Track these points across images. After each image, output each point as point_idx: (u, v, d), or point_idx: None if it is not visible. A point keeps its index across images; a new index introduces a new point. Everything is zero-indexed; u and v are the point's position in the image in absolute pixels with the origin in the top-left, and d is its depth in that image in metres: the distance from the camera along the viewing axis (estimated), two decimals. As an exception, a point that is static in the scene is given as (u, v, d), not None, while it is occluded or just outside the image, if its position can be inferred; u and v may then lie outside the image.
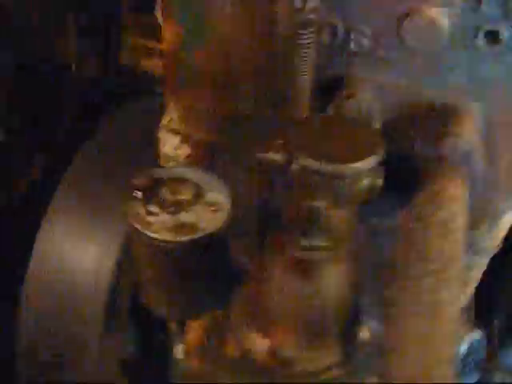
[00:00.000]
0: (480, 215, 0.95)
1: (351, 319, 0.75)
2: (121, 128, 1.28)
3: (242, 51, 0.88)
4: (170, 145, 1.01)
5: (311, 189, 0.71)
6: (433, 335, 0.71)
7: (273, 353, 0.73)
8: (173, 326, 0.94)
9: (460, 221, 0.79)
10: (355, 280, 0.74)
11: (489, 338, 1.22)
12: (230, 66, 0.90)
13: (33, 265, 1.14)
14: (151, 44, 1.79)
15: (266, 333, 0.73)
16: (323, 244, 0.68)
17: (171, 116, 0.99)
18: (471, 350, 1.18)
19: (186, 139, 1.00)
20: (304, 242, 0.68)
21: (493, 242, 0.98)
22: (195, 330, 0.93)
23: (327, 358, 0.75)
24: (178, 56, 0.92)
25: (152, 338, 1.23)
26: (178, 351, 0.94)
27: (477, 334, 1.18)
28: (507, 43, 0.80)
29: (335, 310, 0.72)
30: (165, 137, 1.01)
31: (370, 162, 0.69)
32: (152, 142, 1.02)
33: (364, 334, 0.75)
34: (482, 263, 1.01)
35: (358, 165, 0.69)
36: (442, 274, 0.74)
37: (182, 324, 0.94)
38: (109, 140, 1.25)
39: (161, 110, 1.00)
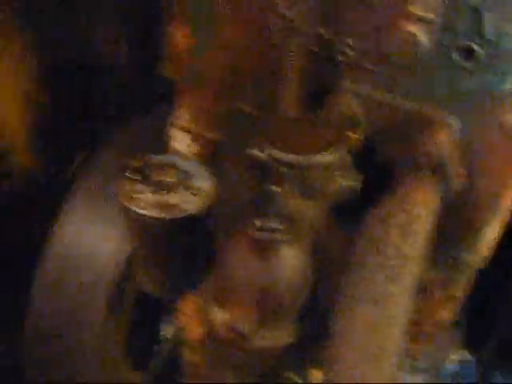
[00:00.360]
0: (461, 230, 0.99)
1: (306, 304, 0.81)
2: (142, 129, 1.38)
3: (243, 56, 0.96)
4: (181, 142, 1.10)
5: (277, 177, 0.77)
6: (380, 324, 0.75)
7: (231, 327, 0.79)
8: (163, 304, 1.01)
9: (423, 225, 0.83)
10: (312, 267, 0.80)
11: (481, 362, 1.24)
12: (234, 68, 0.99)
13: (54, 243, 1.25)
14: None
15: (226, 308, 0.80)
16: (277, 226, 0.75)
17: (182, 115, 1.08)
18: (462, 370, 1.20)
19: (196, 138, 1.09)
20: (259, 223, 0.75)
21: (475, 257, 1.02)
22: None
23: (282, 337, 0.81)
24: (189, 60, 1.02)
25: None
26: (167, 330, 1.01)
27: (468, 355, 1.20)
28: (481, 59, 0.85)
29: (289, 291, 0.78)
30: (176, 134, 1.10)
31: (325, 157, 0.76)
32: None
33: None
34: (464, 277, 1.05)
35: (316, 157, 0.76)
36: (396, 269, 0.78)
37: (169, 304, 1.02)
38: (129, 138, 1.35)
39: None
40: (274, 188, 0.75)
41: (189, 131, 1.09)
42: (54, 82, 1.46)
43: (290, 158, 0.76)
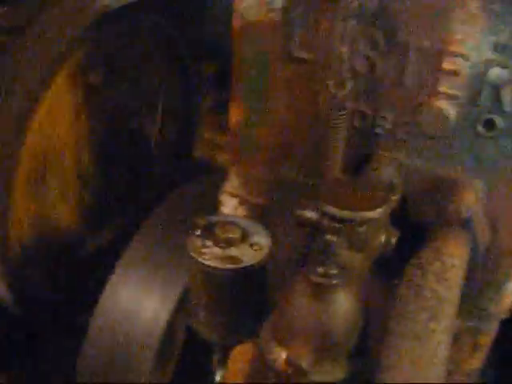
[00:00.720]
0: (485, 282, 1.10)
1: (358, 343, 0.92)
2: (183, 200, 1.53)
3: (293, 130, 1.11)
4: (230, 206, 1.23)
5: (330, 231, 0.90)
6: (424, 357, 0.86)
7: (289, 362, 0.90)
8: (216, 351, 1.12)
9: (456, 274, 0.95)
10: (361, 310, 0.91)
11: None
12: (284, 141, 1.13)
13: (103, 303, 1.37)
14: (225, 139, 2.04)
15: (285, 345, 0.91)
16: (334, 272, 0.87)
17: (232, 182, 1.21)
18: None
19: (243, 202, 1.22)
20: (320, 270, 0.87)
21: (499, 307, 1.13)
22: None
23: (337, 372, 0.91)
24: (242, 132, 1.16)
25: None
26: (219, 376, 1.11)
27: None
28: (502, 130, 0.99)
29: (343, 330, 0.89)
30: (225, 199, 1.23)
31: (374, 213, 0.89)
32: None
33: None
34: (490, 328, 1.15)
35: (366, 213, 0.89)
36: (434, 309, 0.89)
37: (224, 350, 1.12)
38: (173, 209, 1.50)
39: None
40: (330, 238, 0.88)
41: (237, 196, 1.23)
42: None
43: (345, 213, 0.89)
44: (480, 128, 1.00)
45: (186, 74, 1.99)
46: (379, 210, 0.91)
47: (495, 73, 0.95)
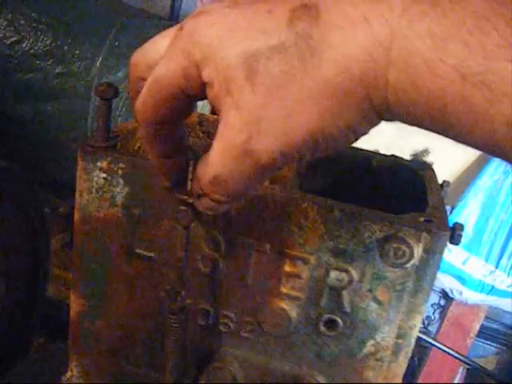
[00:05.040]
0: None
1: None
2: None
3: (135, 323, 1.07)
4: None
5: None
6: None
7: None
8: None
9: None
10: None
11: None
12: (126, 334, 1.09)
13: None
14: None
15: None
16: None
17: (72, 372, 1.14)
18: None
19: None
20: None
21: None
22: None
23: None
24: (82, 322, 1.10)
25: None
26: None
27: None
28: (343, 329, 1.00)
29: None
30: None
31: None
32: None
33: None
34: None
35: None
36: None
37: None
38: None
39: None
40: None
41: (79, 386, 1.16)
42: None
43: None
44: (321, 327, 1.00)
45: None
46: None
47: (335, 275, 0.97)
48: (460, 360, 3.33)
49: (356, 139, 0.64)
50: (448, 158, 3.19)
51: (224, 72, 0.61)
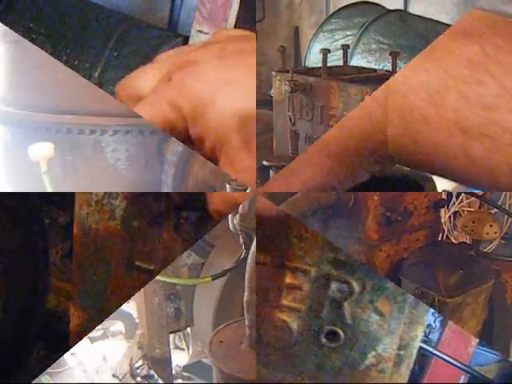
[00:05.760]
0: None
1: None
2: None
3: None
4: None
5: None
6: None
7: None
8: None
9: None
10: None
11: None
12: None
13: None
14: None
15: None
16: None
17: None
18: None
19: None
20: None
21: None
22: None
23: None
24: (82, 335, 1.10)
25: None
26: None
27: None
28: (344, 340, 0.99)
29: None
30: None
31: None
32: None
33: None
34: None
35: None
36: None
37: None
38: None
39: None
40: None
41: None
42: None
43: None
44: (323, 338, 1.00)
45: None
46: None
47: (336, 287, 0.97)
48: (461, 369, 3.32)
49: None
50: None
51: (217, 130, 0.60)
